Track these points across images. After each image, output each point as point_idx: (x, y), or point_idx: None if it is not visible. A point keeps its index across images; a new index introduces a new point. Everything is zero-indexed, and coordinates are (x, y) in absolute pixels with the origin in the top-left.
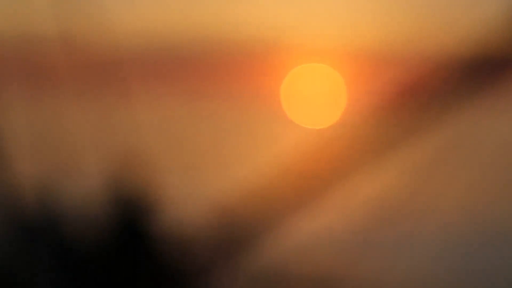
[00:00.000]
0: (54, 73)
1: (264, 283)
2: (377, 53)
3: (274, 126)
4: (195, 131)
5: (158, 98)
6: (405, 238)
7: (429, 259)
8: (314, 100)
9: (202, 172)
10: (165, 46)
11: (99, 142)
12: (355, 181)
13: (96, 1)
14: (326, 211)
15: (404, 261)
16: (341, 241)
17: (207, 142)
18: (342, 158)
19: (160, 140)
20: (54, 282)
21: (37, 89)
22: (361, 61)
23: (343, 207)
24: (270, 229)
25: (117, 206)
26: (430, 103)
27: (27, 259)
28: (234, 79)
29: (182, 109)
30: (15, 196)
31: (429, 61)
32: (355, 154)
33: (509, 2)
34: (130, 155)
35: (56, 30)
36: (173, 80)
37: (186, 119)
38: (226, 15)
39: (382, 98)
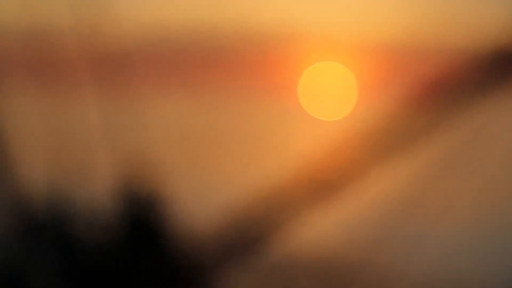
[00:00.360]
0: (64, 69)
1: (279, 279)
2: (395, 48)
3: (290, 121)
4: (208, 128)
5: (171, 96)
6: (420, 234)
7: (443, 256)
8: (331, 94)
9: (216, 170)
10: (179, 41)
11: (110, 141)
12: (371, 177)
13: None
14: (342, 205)
15: (419, 256)
16: (357, 236)
17: (220, 139)
18: (359, 153)
19: (172, 139)
20: (63, 282)
21: (48, 85)
22: (379, 56)
23: (359, 202)
24: (285, 225)
25: (128, 206)
26: (449, 99)
27: (36, 260)
28: (249, 75)
29: (195, 107)
30: (23, 195)
31: (447, 56)
32: (372, 149)
33: None
34: (141, 154)
35: (67, 24)
36: (187, 77)
37: (200, 116)
38: (242, 9)
39: (400, 93)
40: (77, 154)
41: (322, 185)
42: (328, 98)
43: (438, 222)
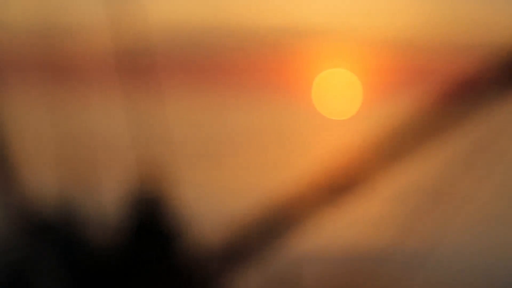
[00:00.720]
0: (75, 73)
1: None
2: (412, 48)
3: (305, 123)
4: (219, 132)
5: (183, 101)
6: (434, 232)
7: (456, 254)
8: (343, 94)
9: (228, 174)
10: (192, 45)
11: (121, 145)
12: (385, 177)
13: None
14: (356, 205)
15: (433, 253)
16: (372, 234)
17: (232, 142)
18: (374, 153)
19: (184, 142)
20: (71, 284)
21: (58, 87)
22: (395, 56)
23: (374, 200)
24: (298, 227)
25: (137, 210)
26: (465, 98)
27: (44, 262)
28: (262, 77)
29: (207, 111)
30: (32, 198)
31: (464, 56)
32: (387, 149)
33: None
34: (152, 158)
35: (80, 26)
36: (200, 81)
37: (211, 120)
38: (258, 13)
39: (417, 93)
40: (87, 158)
41: (337, 186)
42: (341, 99)
43: (454, 220)
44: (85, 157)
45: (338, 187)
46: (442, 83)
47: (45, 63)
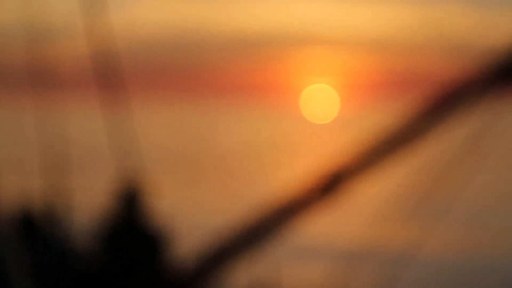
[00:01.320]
0: (59, 78)
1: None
2: (402, 50)
3: (295, 130)
4: (204, 140)
5: (169, 108)
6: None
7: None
8: (332, 98)
9: (214, 183)
10: (179, 52)
11: (106, 151)
12: (375, 178)
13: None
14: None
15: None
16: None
17: (218, 150)
18: (364, 155)
19: (168, 150)
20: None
21: (40, 93)
22: (388, 58)
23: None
24: (286, 231)
25: (116, 216)
26: (456, 99)
27: (23, 265)
28: (249, 84)
29: (193, 119)
30: (11, 203)
31: (454, 58)
32: (378, 151)
33: None
34: (137, 166)
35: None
36: (186, 89)
37: (200, 126)
38: (244, 20)
39: (408, 95)
40: (68, 164)
41: (326, 188)
42: (328, 104)
43: (443, 220)
44: (66, 163)
45: (327, 189)
46: (432, 86)
47: (24, 70)
